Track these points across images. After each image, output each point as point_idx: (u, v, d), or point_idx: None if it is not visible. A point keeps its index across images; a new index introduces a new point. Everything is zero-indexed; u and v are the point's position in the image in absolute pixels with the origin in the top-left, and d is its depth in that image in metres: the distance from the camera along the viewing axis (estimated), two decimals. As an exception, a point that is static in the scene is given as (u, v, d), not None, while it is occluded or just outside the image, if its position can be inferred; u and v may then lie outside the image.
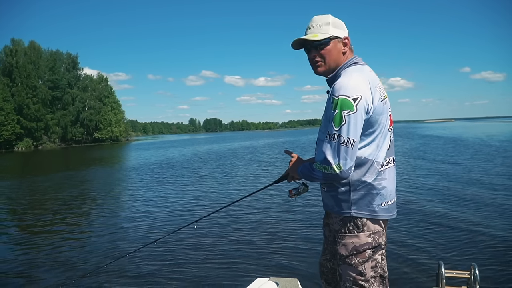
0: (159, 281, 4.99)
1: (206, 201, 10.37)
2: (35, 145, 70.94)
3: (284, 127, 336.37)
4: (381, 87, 2.03)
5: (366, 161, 1.96)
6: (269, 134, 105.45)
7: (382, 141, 2.00)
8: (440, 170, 14.16)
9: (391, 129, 2.07)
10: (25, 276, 5.42)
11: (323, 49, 2.07)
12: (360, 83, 1.90)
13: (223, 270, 5.22)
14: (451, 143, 28.67)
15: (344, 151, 1.85)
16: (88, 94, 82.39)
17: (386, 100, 2.02)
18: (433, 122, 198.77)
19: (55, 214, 9.69)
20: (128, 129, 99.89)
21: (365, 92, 1.89)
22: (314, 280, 4.41)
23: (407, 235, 6.18)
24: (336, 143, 1.86)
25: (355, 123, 1.85)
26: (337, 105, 1.86)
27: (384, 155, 2.01)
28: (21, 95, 67.46)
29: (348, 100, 1.85)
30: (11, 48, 69.96)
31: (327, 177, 1.93)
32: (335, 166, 1.86)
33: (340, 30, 2.07)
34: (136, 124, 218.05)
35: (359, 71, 1.99)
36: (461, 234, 6.21)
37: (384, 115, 1.98)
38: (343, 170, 1.86)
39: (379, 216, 1.99)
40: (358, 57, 2.10)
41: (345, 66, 2.05)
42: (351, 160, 1.87)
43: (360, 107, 1.86)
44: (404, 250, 5.49)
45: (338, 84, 1.90)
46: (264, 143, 46.19)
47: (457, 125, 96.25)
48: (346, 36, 2.08)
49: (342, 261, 2.02)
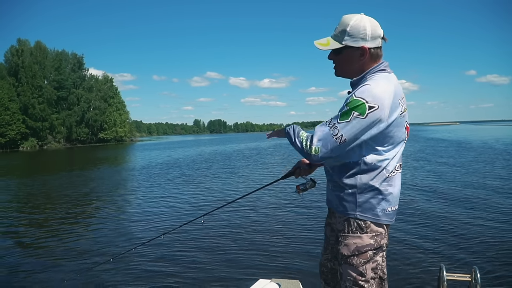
0: (160, 279, 5.02)
1: (213, 198, 10.54)
2: (40, 144, 71.33)
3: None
4: (404, 100, 2.00)
5: (377, 167, 1.96)
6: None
7: (396, 151, 2.00)
8: (442, 172, 14.14)
9: (406, 140, 2.07)
10: (29, 272, 5.47)
11: (336, 57, 2.07)
12: (385, 94, 1.87)
13: (225, 270, 5.23)
14: (454, 146, 28.57)
15: (330, 142, 1.85)
16: (93, 94, 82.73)
17: (405, 113, 2.00)
18: (438, 125, 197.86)
19: (64, 210, 9.87)
20: (133, 130, 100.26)
21: (384, 104, 1.86)
22: (316, 282, 4.40)
23: (409, 238, 6.17)
24: (329, 131, 1.86)
25: (356, 127, 1.85)
26: (352, 103, 1.85)
27: (395, 163, 2.02)
28: (27, 95, 67.85)
29: (364, 105, 1.83)
30: (17, 48, 70.36)
31: (301, 150, 1.92)
32: (314, 148, 1.86)
33: (357, 39, 1.96)
34: (140, 124, 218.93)
35: (387, 80, 1.95)
36: (463, 236, 6.19)
37: (400, 128, 1.97)
38: (317, 155, 1.87)
39: (382, 220, 2.00)
40: (386, 62, 2.05)
41: (372, 71, 2.00)
42: (331, 152, 1.87)
43: (371, 117, 1.84)
44: (405, 253, 5.48)
45: (365, 87, 1.88)
46: (270, 144, 46.29)
47: (462, 128, 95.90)
48: (363, 47, 1.97)
49: (344, 261, 2.03)
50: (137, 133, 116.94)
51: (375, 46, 1.99)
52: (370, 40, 1.97)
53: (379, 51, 2.02)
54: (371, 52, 1.99)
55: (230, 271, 5.19)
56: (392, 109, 1.89)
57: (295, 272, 5.01)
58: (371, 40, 1.97)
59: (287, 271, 5.08)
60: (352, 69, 2.05)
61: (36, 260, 6.07)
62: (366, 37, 1.96)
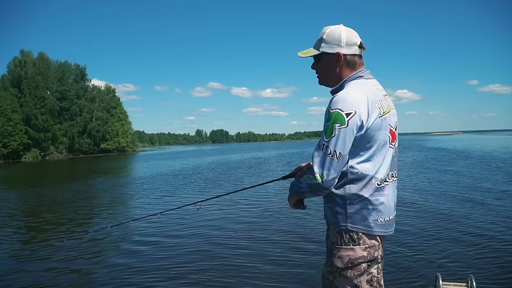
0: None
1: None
2: (42, 155, 71.52)
3: (291, 138, 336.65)
4: (383, 103, 2.02)
5: (364, 176, 1.96)
6: (276, 146, 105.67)
7: (382, 157, 2.00)
8: (440, 181, 14.08)
9: (393, 145, 2.06)
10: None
11: (317, 64, 2.17)
12: (357, 99, 1.92)
13: (224, 279, 5.16)
14: (455, 155, 28.52)
15: (329, 162, 1.89)
16: (95, 105, 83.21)
17: (386, 116, 2.00)
18: (441, 135, 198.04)
19: (69, 217, 9.82)
20: (135, 140, 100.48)
21: (361, 109, 1.91)
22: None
23: (405, 247, 6.12)
24: (323, 153, 1.91)
25: (344, 137, 1.89)
26: (331, 117, 1.91)
27: (385, 171, 2.01)
28: (29, 106, 68.29)
29: (341, 114, 1.89)
30: (20, 59, 70.98)
31: (311, 188, 1.97)
32: (319, 176, 1.91)
33: (332, 45, 2.07)
34: (143, 135, 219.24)
35: (360, 86, 2.00)
36: (458, 245, 6.15)
37: (382, 131, 1.98)
38: (325, 180, 1.90)
39: (375, 231, 1.99)
40: (365, 70, 2.11)
41: (349, 79, 2.07)
42: (334, 171, 1.90)
43: (352, 123, 1.89)
44: (402, 262, 5.43)
45: (337, 97, 1.94)
46: (274, 154, 46.54)
47: (465, 138, 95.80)
48: (338, 52, 2.06)
49: (338, 274, 2.01)
50: (139, 143, 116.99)
51: (351, 53, 2.08)
52: (345, 47, 2.06)
53: (357, 59, 2.10)
54: (347, 59, 2.07)
55: (231, 281, 5.12)
56: (369, 112, 1.93)
57: (297, 282, 4.95)
58: (346, 46, 2.06)
59: (290, 282, 5.00)
60: (332, 77, 2.13)
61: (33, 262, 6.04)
62: (340, 43, 2.06)
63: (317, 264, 5.42)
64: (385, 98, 2.06)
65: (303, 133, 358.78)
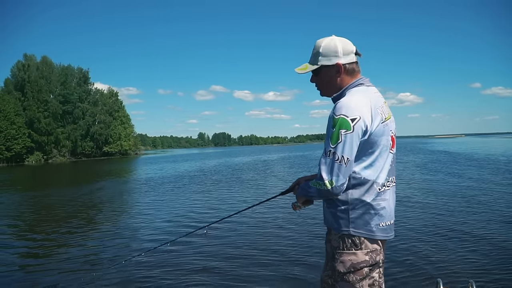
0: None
1: (222, 211, 10.54)
2: (45, 158, 71.72)
3: (293, 141, 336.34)
4: (384, 109, 2.05)
5: (366, 181, 1.99)
6: (278, 149, 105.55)
7: (383, 162, 2.03)
8: (440, 185, 14.02)
9: (393, 151, 2.09)
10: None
11: (316, 78, 2.20)
12: (361, 104, 1.95)
13: (226, 284, 5.17)
14: (456, 158, 28.43)
15: (337, 168, 1.91)
16: (98, 108, 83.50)
17: (387, 122, 2.04)
18: (443, 138, 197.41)
19: (71, 221, 9.96)
20: (138, 143, 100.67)
21: (365, 114, 1.94)
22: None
23: (405, 252, 6.09)
24: (330, 159, 1.93)
25: (350, 143, 1.91)
26: (336, 123, 1.93)
27: (385, 176, 2.04)
28: (33, 109, 68.55)
29: (347, 120, 1.91)
30: (23, 63, 71.28)
31: (320, 193, 1.99)
32: (328, 182, 1.92)
33: (330, 57, 2.10)
34: (145, 138, 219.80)
35: (363, 92, 2.04)
36: (460, 250, 6.11)
37: (384, 137, 2.01)
38: (335, 186, 1.92)
39: (377, 236, 2.01)
40: (365, 78, 2.14)
41: (350, 86, 2.10)
42: (343, 177, 1.92)
43: (357, 128, 1.91)
44: (403, 267, 5.41)
45: (340, 103, 1.96)
46: (277, 157, 46.55)
47: (467, 141, 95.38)
48: (337, 63, 2.09)
49: (340, 278, 2.04)
50: (142, 147, 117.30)
51: (349, 62, 2.10)
52: (343, 56, 2.09)
53: (355, 66, 2.13)
54: (346, 67, 2.10)
55: (232, 285, 5.13)
56: (372, 117, 1.96)
57: (295, 286, 4.95)
58: (344, 56, 2.09)
59: (287, 285, 5.01)
60: (334, 88, 2.15)
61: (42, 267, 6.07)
62: (338, 53, 2.09)
63: (315, 267, 5.42)
64: (385, 105, 2.10)
65: (306, 136, 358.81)
